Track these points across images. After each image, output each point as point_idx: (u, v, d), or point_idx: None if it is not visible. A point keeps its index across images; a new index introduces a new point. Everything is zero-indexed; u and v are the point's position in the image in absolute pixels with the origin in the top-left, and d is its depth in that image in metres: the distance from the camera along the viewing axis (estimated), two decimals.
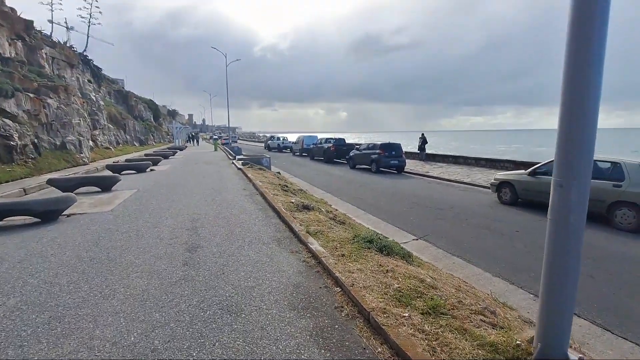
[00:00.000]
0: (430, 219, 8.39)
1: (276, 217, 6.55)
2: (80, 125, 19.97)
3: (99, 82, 36.50)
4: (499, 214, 8.66)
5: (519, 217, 8.33)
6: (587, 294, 4.40)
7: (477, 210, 9.24)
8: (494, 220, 8.06)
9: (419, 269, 4.02)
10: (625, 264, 5.39)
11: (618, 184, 7.34)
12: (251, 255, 4.44)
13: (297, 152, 31.84)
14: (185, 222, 6.09)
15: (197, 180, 11.95)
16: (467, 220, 8.19)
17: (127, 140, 34.39)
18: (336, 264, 3.84)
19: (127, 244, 4.92)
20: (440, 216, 8.67)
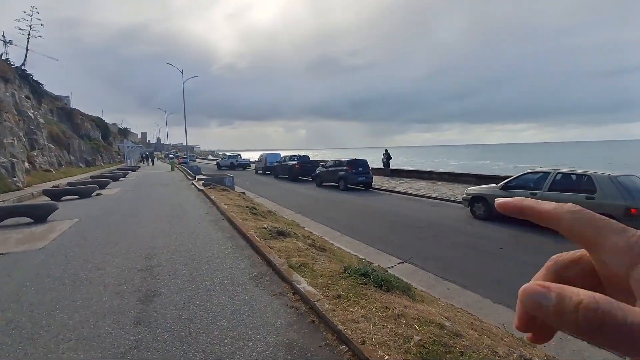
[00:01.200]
0: (411, 239, 7.97)
1: (249, 246, 5.69)
2: (14, 146, 17.63)
3: (40, 98, 33.23)
4: (478, 230, 8.45)
5: (498, 233, 8.15)
6: None
7: (454, 226, 9.00)
8: (475, 238, 7.81)
9: (429, 308, 3.42)
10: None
11: (591, 196, 7.40)
12: (224, 302, 3.58)
13: (260, 170, 30.85)
14: (138, 260, 5.02)
15: (152, 205, 10.65)
16: (448, 238, 7.87)
17: (72, 161, 31.30)
18: (334, 309, 3.13)
19: (59, 296, 3.82)
20: (419, 235, 8.29)
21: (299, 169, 23.42)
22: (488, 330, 3.49)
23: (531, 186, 8.63)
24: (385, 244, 7.50)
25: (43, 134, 25.68)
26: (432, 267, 6.08)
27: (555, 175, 8.28)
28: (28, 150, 21.91)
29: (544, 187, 8.17)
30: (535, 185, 8.52)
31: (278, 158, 28.55)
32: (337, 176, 18.11)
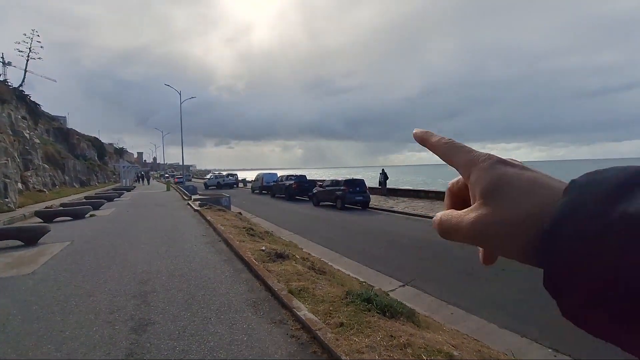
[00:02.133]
0: (411, 260, 7.84)
1: (246, 270, 5.52)
2: (8, 166, 17.45)
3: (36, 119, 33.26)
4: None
5: None
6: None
7: (454, 247, 8.86)
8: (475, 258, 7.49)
9: (435, 336, 3.29)
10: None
11: None
12: (221, 332, 3.41)
13: (257, 190, 30.74)
14: (131, 286, 4.83)
15: (147, 226, 10.44)
16: (449, 259, 7.75)
17: (66, 182, 31.00)
18: (337, 339, 2.98)
19: (47, 325, 3.63)
20: (420, 255, 8.16)
21: (296, 189, 23.36)
22: (496, 358, 3.35)
23: None
24: (385, 265, 7.36)
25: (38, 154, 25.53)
26: (435, 289, 5.94)
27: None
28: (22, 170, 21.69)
29: None
30: None
31: (275, 178, 28.53)
32: (334, 196, 18.04)
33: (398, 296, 5.46)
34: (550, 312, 4.66)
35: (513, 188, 0.26)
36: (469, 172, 0.30)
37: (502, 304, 5.23)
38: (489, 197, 0.27)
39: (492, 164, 0.28)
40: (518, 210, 0.25)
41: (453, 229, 0.29)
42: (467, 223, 0.28)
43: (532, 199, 0.25)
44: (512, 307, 5.12)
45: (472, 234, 0.27)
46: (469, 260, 7.54)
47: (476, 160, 0.30)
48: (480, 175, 0.28)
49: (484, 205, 0.27)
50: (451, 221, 0.30)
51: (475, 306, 5.20)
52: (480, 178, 0.28)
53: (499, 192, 0.26)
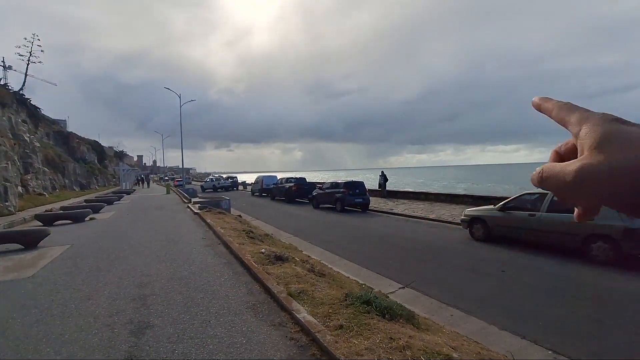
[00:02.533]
0: (411, 262, 7.83)
1: (246, 273, 5.52)
2: (8, 170, 17.46)
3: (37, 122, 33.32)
4: (478, 253, 8.33)
5: (499, 254, 8.04)
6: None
7: (454, 248, 8.88)
8: (475, 260, 7.69)
9: (434, 338, 3.28)
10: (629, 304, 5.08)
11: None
12: (220, 334, 3.41)
13: (257, 192, 30.72)
14: (131, 289, 4.83)
15: (147, 229, 10.45)
16: (449, 260, 7.74)
17: (66, 185, 31.02)
18: (336, 341, 2.98)
19: (46, 329, 3.63)
20: (419, 257, 8.16)
21: (296, 191, 23.34)
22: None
23: (529, 207, 8.59)
24: (385, 268, 7.35)
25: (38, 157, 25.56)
26: (434, 291, 5.93)
27: (552, 196, 8.26)
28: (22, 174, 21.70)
29: (542, 208, 8.12)
30: (533, 206, 8.48)
31: (274, 180, 28.51)
32: (334, 198, 18.03)
33: (398, 298, 5.45)
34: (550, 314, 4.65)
35: (628, 141, 0.25)
36: (579, 128, 0.29)
37: (502, 306, 5.22)
38: (600, 147, 0.26)
39: (607, 119, 0.28)
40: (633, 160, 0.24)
41: (555, 175, 0.29)
42: (572, 169, 0.27)
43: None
44: (512, 308, 5.11)
45: (577, 179, 0.27)
46: (467, 263, 7.54)
47: (591, 116, 0.29)
48: (593, 129, 0.28)
49: (594, 154, 0.26)
50: (554, 169, 0.29)
51: (475, 308, 5.19)
52: (592, 131, 0.28)
53: (611, 143, 0.26)
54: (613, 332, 4.29)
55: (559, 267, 6.88)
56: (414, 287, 6.27)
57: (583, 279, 6.23)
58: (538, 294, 5.66)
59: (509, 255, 7.92)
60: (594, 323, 4.53)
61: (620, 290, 5.61)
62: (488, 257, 7.84)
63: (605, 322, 4.55)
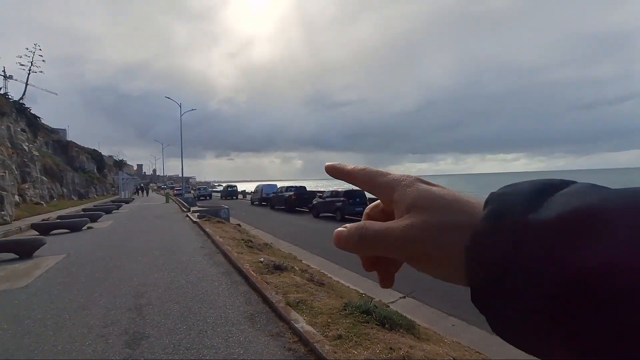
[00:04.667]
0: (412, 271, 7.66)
1: (244, 282, 5.45)
2: (5, 179, 17.40)
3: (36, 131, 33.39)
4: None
5: None
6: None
7: None
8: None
9: (435, 348, 3.22)
10: None
11: None
12: (218, 345, 3.33)
13: (256, 201, 30.65)
14: (127, 299, 4.75)
15: (145, 238, 10.36)
16: None
17: (64, 194, 30.91)
18: (335, 352, 2.91)
19: (39, 340, 3.54)
20: None
21: (296, 200, 23.26)
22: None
23: None
24: None
25: (36, 166, 25.53)
26: (435, 300, 5.86)
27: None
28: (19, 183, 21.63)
29: None
30: None
31: (274, 189, 28.45)
32: (334, 207, 17.98)
33: (398, 308, 5.37)
34: None
35: (440, 200, 0.27)
36: (391, 193, 0.30)
37: None
38: (419, 208, 0.27)
39: (414, 181, 0.29)
40: (448, 217, 0.25)
41: (380, 237, 0.27)
42: (399, 229, 0.27)
43: (458, 209, 0.25)
44: None
45: (403, 241, 0.26)
46: None
47: (398, 180, 0.30)
48: (405, 192, 0.29)
49: (415, 215, 0.27)
50: (377, 228, 0.28)
51: (477, 318, 5.10)
52: (405, 194, 0.28)
53: (427, 203, 0.27)
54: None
55: None
56: (414, 296, 6.19)
57: None
58: None
59: None
60: None
61: None
62: None
63: None
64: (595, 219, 0.18)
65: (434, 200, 0.27)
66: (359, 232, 0.28)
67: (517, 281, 0.20)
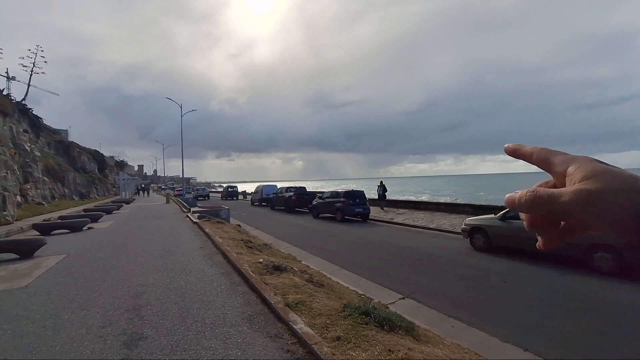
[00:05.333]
0: (412, 272, 7.72)
1: (243, 283, 5.44)
2: (7, 179, 17.43)
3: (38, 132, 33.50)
4: (479, 262, 8.23)
5: (499, 264, 7.95)
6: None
7: (455, 258, 8.78)
8: (476, 270, 7.59)
9: (435, 350, 3.20)
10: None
11: None
12: (215, 346, 3.32)
13: (257, 202, 30.62)
14: (125, 299, 4.74)
15: (145, 238, 10.36)
16: (449, 271, 7.64)
17: (65, 194, 30.97)
18: (334, 353, 2.90)
19: (37, 340, 3.54)
20: (420, 268, 8.05)
21: (296, 201, 23.23)
22: None
23: None
24: (385, 278, 7.25)
25: (38, 167, 25.59)
26: (435, 302, 5.83)
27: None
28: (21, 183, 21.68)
29: None
30: None
31: (275, 189, 28.42)
32: (334, 208, 17.95)
33: (397, 309, 5.35)
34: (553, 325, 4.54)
35: (615, 173, 0.30)
36: (566, 167, 0.33)
37: (504, 317, 5.12)
38: (594, 177, 0.30)
39: (590, 159, 0.33)
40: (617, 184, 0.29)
41: (552, 197, 0.32)
42: (571, 191, 0.30)
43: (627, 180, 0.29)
44: (515, 320, 5.01)
45: (574, 201, 0.30)
46: (468, 273, 7.44)
47: (574, 157, 0.34)
48: (582, 165, 0.32)
49: (588, 183, 0.30)
50: (549, 191, 0.32)
51: (477, 319, 5.09)
52: (581, 167, 0.32)
53: (602, 175, 0.30)
54: (617, 344, 4.19)
55: (560, 278, 6.78)
56: (414, 297, 6.17)
57: (585, 289, 6.13)
58: (540, 304, 5.56)
59: (510, 266, 7.82)
60: (597, 335, 4.44)
61: (623, 300, 5.51)
62: (489, 267, 7.74)
63: (609, 333, 4.45)
64: None
65: (608, 172, 0.30)
66: (531, 194, 0.33)
67: None
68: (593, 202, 0.29)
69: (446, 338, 4.46)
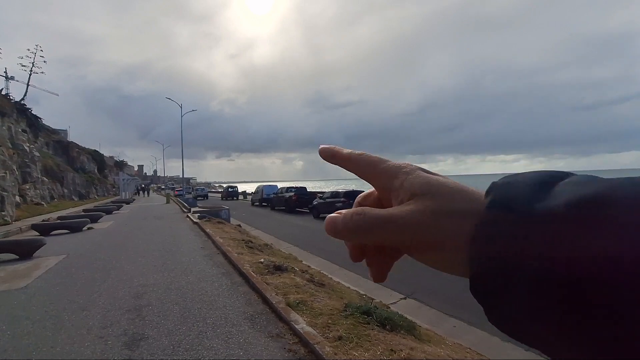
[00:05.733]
0: (412, 271, 7.65)
1: (244, 283, 5.43)
2: (6, 179, 17.41)
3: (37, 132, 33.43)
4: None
5: None
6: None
7: None
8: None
9: (436, 350, 3.19)
10: None
11: None
12: (217, 346, 3.31)
13: (257, 202, 30.61)
14: (126, 300, 4.73)
15: (145, 239, 10.34)
16: None
17: (65, 195, 30.93)
18: (335, 353, 2.89)
19: (37, 341, 3.53)
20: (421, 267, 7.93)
21: (296, 201, 23.22)
22: None
23: None
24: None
25: (37, 167, 25.55)
26: (436, 302, 5.82)
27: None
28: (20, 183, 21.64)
29: None
30: None
31: (275, 190, 28.41)
32: (334, 208, 17.94)
33: (399, 309, 5.35)
34: None
35: (444, 188, 0.26)
36: (391, 180, 0.29)
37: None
38: (423, 195, 0.26)
39: (416, 169, 0.28)
40: (453, 205, 0.25)
41: (382, 221, 0.26)
42: (403, 214, 0.25)
43: (462, 198, 0.25)
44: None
45: (406, 226, 0.25)
46: None
47: (399, 167, 0.29)
48: (407, 179, 0.28)
49: (419, 201, 0.25)
50: (379, 214, 0.26)
51: (478, 319, 5.07)
52: (407, 181, 0.27)
53: (431, 190, 0.26)
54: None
55: None
56: (415, 297, 6.16)
57: None
58: None
59: None
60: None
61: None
62: None
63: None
64: (606, 207, 0.17)
65: (438, 188, 0.26)
66: (358, 217, 0.27)
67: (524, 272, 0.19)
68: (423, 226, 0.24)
69: (448, 338, 4.45)
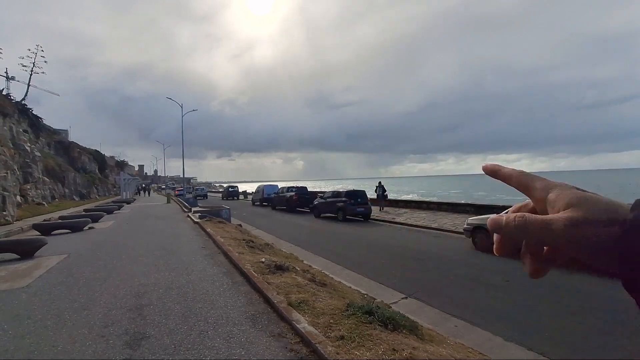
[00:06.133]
0: (414, 272, 7.70)
1: (245, 282, 5.41)
2: (7, 179, 17.42)
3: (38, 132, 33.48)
4: (481, 262, 8.21)
5: (502, 264, 7.91)
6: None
7: (457, 258, 8.76)
8: (479, 270, 7.57)
9: (439, 349, 3.17)
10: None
11: None
12: (219, 346, 3.30)
13: (258, 202, 30.61)
14: (128, 299, 4.72)
15: (146, 239, 10.34)
16: (452, 271, 7.63)
17: (66, 194, 30.95)
18: (338, 353, 2.87)
19: (39, 340, 3.52)
20: (422, 267, 8.04)
21: (297, 200, 23.22)
22: None
23: None
24: (387, 277, 7.23)
25: (38, 167, 25.57)
26: (438, 302, 5.81)
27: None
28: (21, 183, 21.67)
29: None
30: None
31: (275, 189, 28.40)
32: (335, 207, 17.93)
33: (400, 308, 5.33)
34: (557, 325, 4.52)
35: (595, 201, 0.31)
36: (546, 193, 0.34)
37: (508, 317, 5.10)
38: (579, 205, 0.30)
39: (570, 187, 0.34)
40: (605, 214, 0.29)
41: (544, 224, 0.31)
42: (563, 219, 0.30)
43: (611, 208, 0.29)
44: (518, 319, 4.99)
45: (564, 233, 0.30)
46: (471, 273, 7.42)
47: (554, 183, 0.35)
48: (563, 192, 0.33)
49: (575, 210, 0.30)
50: (538, 218, 0.32)
51: (480, 319, 5.07)
52: (562, 194, 0.33)
53: (585, 202, 0.31)
54: (621, 343, 4.17)
55: (564, 277, 6.75)
56: (417, 297, 6.15)
57: (589, 288, 6.10)
58: (544, 304, 5.54)
59: (513, 265, 7.77)
60: (601, 334, 4.41)
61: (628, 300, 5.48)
62: (492, 267, 7.72)
63: (613, 333, 4.43)
64: None
65: (589, 200, 0.31)
66: (520, 219, 0.33)
67: None
68: (579, 231, 0.29)
69: (449, 337, 4.44)
